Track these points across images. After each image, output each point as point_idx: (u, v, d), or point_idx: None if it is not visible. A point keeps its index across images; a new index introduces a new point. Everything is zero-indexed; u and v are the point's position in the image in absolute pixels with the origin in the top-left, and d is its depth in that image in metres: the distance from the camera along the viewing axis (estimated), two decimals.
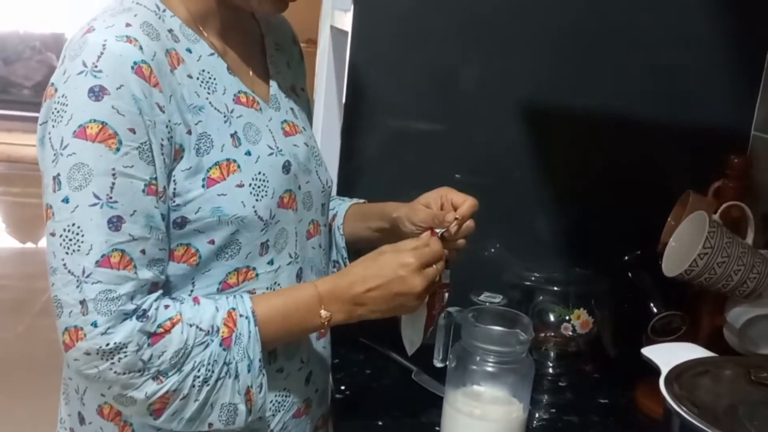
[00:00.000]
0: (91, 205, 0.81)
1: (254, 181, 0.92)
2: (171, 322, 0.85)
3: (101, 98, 0.80)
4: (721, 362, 0.98)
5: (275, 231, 0.96)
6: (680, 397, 0.87)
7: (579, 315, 1.33)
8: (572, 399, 1.30)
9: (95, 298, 0.81)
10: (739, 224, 1.23)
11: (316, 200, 1.05)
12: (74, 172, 0.81)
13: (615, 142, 1.44)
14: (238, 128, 0.93)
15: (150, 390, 0.84)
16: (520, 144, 1.43)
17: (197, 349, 0.86)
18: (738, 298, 1.20)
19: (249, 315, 0.90)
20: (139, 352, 0.82)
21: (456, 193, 1.06)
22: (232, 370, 0.88)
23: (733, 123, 1.44)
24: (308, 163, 1.03)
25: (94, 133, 0.80)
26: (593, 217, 1.44)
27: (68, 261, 0.81)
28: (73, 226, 0.81)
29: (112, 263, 0.81)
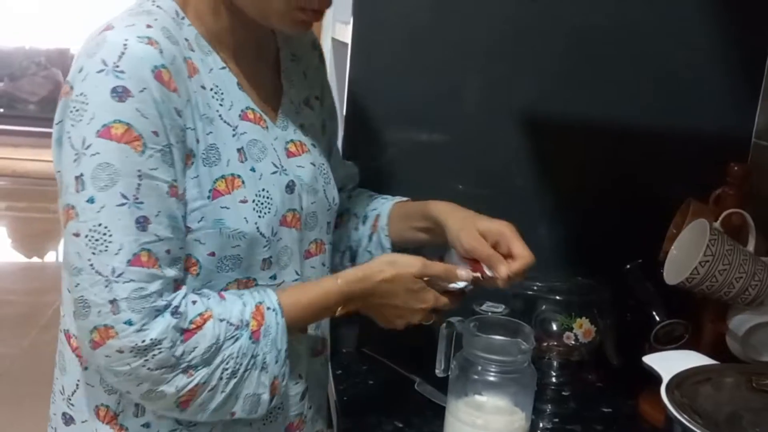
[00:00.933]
0: (118, 205, 0.81)
1: (258, 198, 0.92)
2: (202, 318, 0.86)
3: (125, 99, 0.81)
4: (722, 370, 0.98)
5: (278, 248, 0.96)
6: (682, 405, 0.86)
7: (581, 324, 1.33)
8: (575, 408, 1.30)
9: (128, 296, 0.81)
10: (740, 232, 1.23)
11: (321, 219, 1.05)
12: (99, 171, 0.81)
13: (616, 150, 1.44)
14: (244, 144, 0.93)
15: (180, 384, 0.85)
16: (521, 154, 1.43)
17: (228, 343, 0.87)
18: (740, 306, 1.20)
19: (276, 307, 0.91)
20: (172, 348, 0.83)
21: (518, 241, 1.03)
22: (259, 362, 0.89)
23: (733, 131, 1.44)
24: (314, 183, 1.03)
25: (119, 133, 0.80)
26: (595, 225, 1.44)
27: (95, 261, 0.81)
28: (99, 227, 0.81)
29: (142, 262, 0.82)
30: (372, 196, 1.21)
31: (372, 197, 1.20)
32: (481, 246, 1.02)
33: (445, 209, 1.08)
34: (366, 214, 1.17)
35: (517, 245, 1.02)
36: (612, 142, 1.43)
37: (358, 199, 1.20)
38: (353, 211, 1.19)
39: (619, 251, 1.37)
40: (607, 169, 1.45)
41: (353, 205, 1.20)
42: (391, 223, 1.14)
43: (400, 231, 1.14)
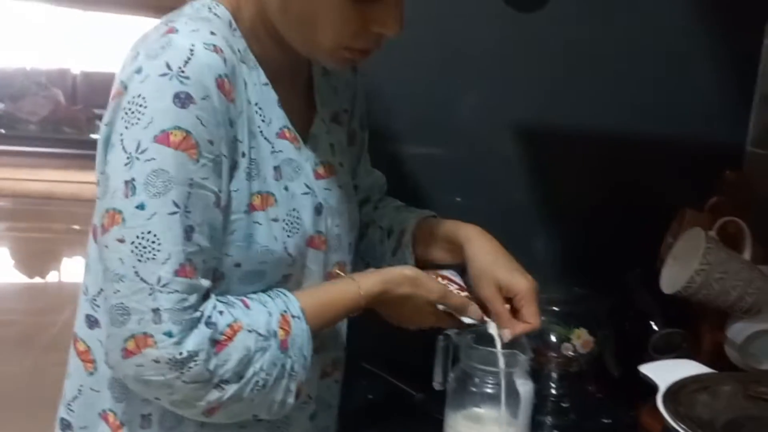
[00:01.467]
0: (170, 214, 0.80)
1: (288, 217, 0.92)
2: (232, 329, 0.85)
3: (187, 106, 0.80)
4: (718, 378, 0.97)
5: (302, 268, 0.96)
6: (678, 414, 0.86)
7: (580, 335, 1.32)
8: (575, 420, 1.29)
9: (171, 308, 0.80)
10: (736, 240, 1.23)
11: (344, 240, 1.05)
12: (153, 178, 0.79)
13: (612, 161, 1.44)
14: (280, 162, 0.93)
15: (212, 398, 0.84)
16: (517, 166, 1.44)
17: (258, 355, 0.86)
18: (738, 314, 1.19)
19: (300, 315, 0.91)
20: (207, 362, 0.82)
21: (531, 305, 1.02)
22: (288, 370, 0.89)
23: (728, 139, 1.45)
24: (340, 206, 1.03)
25: (177, 140, 0.79)
26: (592, 236, 1.44)
27: (141, 269, 0.80)
28: (149, 234, 0.80)
29: (186, 272, 0.81)
30: (399, 208, 1.19)
31: (398, 209, 1.18)
32: (495, 301, 1.03)
33: (473, 242, 1.06)
34: (392, 227, 1.16)
35: (528, 309, 1.02)
36: (608, 151, 1.43)
37: (384, 211, 1.19)
38: (378, 223, 1.18)
39: (617, 261, 1.37)
40: (603, 178, 1.45)
41: (379, 216, 1.19)
42: (416, 240, 1.12)
43: (425, 249, 1.12)
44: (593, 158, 1.44)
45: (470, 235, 1.07)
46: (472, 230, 1.08)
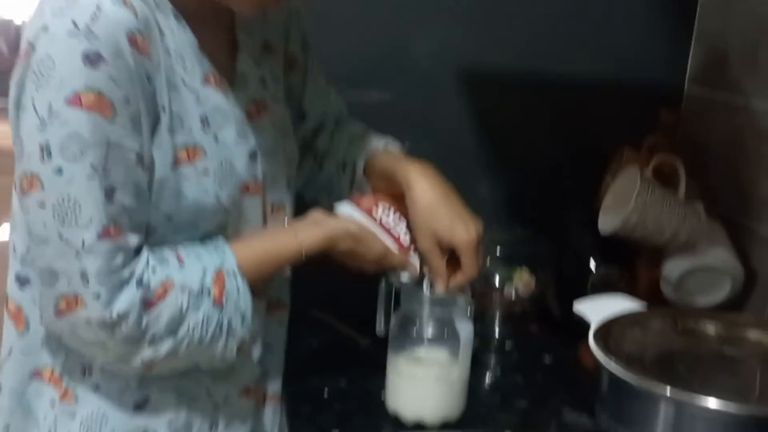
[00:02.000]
0: (89, 178, 0.78)
1: (219, 168, 0.90)
2: (163, 287, 0.84)
3: (98, 66, 0.77)
4: (650, 314, 1.00)
5: (238, 215, 0.95)
6: (608, 349, 0.88)
7: (522, 276, 1.34)
8: (517, 360, 1.31)
9: (97, 271, 0.80)
10: (671, 178, 1.24)
11: (281, 179, 1.03)
12: (68, 142, 0.77)
13: (553, 103, 1.45)
14: (207, 111, 0.90)
15: (147, 356, 0.84)
16: (461, 110, 1.43)
17: (191, 312, 0.86)
18: (672, 251, 1.22)
19: (236, 271, 0.90)
20: (138, 322, 0.82)
21: (469, 257, 1.01)
22: (225, 328, 0.89)
23: (667, 77, 1.46)
24: (274, 145, 1.00)
25: (90, 102, 0.77)
26: (534, 177, 1.45)
27: (64, 233, 0.79)
28: (68, 198, 0.78)
29: (111, 234, 0.80)
30: (353, 138, 1.15)
31: (353, 140, 1.15)
32: (432, 256, 1.02)
33: (413, 189, 1.02)
34: (345, 162, 1.14)
35: (466, 261, 1.01)
36: (550, 93, 1.44)
37: (340, 142, 1.16)
38: (334, 156, 1.16)
39: (559, 202, 1.39)
40: (545, 120, 1.45)
41: (335, 148, 1.16)
42: (368, 176, 1.10)
43: (378, 185, 1.10)
44: (535, 101, 1.44)
45: (411, 179, 1.04)
46: (413, 173, 1.04)
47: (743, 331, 0.93)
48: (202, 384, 0.97)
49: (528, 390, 1.20)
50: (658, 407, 0.82)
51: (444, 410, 1.07)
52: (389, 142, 1.13)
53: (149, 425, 0.94)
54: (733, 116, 1.34)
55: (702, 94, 1.43)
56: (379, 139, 1.14)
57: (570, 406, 0.98)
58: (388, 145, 1.13)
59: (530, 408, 1.14)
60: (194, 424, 0.97)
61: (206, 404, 0.98)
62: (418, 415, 1.07)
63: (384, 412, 1.10)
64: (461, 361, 1.07)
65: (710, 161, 1.39)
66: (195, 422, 0.97)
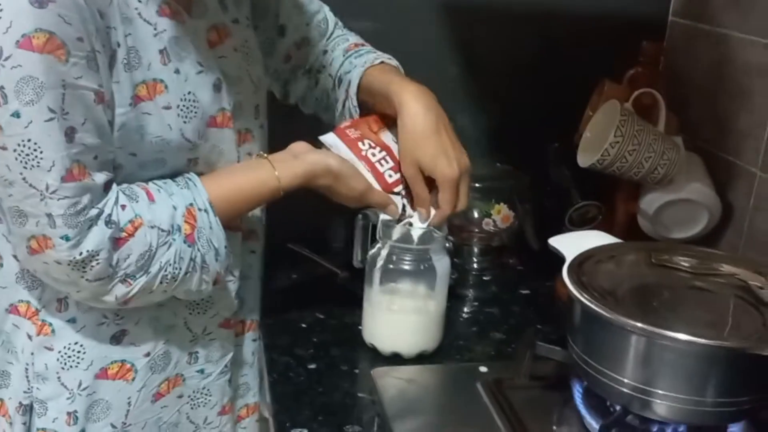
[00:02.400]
0: (46, 121, 0.77)
1: (182, 102, 0.88)
2: (132, 225, 0.84)
3: (45, 5, 0.74)
4: (624, 248, 1.00)
5: (206, 149, 0.93)
6: (581, 283, 0.88)
7: (500, 210, 1.34)
8: (495, 292, 1.33)
9: (63, 213, 0.79)
10: (651, 111, 1.23)
11: (247, 106, 1.00)
12: (23, 85, 0.75)
13: (534, 35, 1.43)
14: (166, 44, 0.87)
15: (120, 293, 0.85)
16: (441, 42, 1.41)
17: (161, 250, 0.86)
18: (650, 185, 1.22)
19: (207, 207, 0.90)
20: (108, 259, 0.82)
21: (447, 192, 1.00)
22: (199, 263, 0.89)
23: (651, 9, 1.44)
24: (239, 71, 0.98)
25: (41, 43, 0.74)
26: (515, 111, 1.44)
27: (28, 175, 0.78)
28: (29, 142, 0.77)
29: (74, 175, 0.79)
30: (347, 52, 1.12)
31: (347, 54, 1.12)
32: (415, 183, 1.02)
33: (405, 113, 1.00)
34: (340, 76, 1.11)
35: (443, 196, 1.01)
36: (531, 25, 1.41)
37: (333, 55, 1.14)
38: (328, 69, 1.13)
39: (539, 136, 1.37)
40: (525, 53, 1.43)
41: (328, 61, 1.14)
42: (360, 93, 1.08)
43: (371, 102, 1.08)
44: (517, 33, 1.42)
45: (403, 101, 1.01)
46: (406, 95, 1.01)
47: (717, 265, 0.94)
48: (180, 316, 0.98)
49: (504, 322, 1.22)
50: (629, 341, 0.83)
51: (420, 342, 1.08)
52: (385, 57, 1.10)
53: (127, 357, 0.94)
54: (715, 49, 1.32)
55: (685, 26, 1.41)
56: (375, 53, 1.11)
57: (544, 339, 0.99)
58: (384, 60, 1.09)
59: (506, 340, 1.16)
60: (172, 356, 0.98)
61: (184, 336, 0.99)
62: (394, 347, 1.08)
63: (361, 344, 1.11)
64: (438, 293, 1.08)
65: (691, 94, 1.38)
66: (173, 353, 0.98)
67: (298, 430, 0.93)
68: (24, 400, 0.93)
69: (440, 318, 1.10)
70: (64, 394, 0.92)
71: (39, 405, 0.93)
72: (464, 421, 0.94)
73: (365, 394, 1.01)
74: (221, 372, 1.04)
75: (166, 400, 0.99)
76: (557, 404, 0.97)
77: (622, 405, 0.87)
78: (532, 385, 0.99)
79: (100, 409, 0.94)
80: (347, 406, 0.98)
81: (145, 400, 0.97)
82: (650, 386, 0.84)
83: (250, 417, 1.12)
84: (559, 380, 0.98)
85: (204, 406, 1.03)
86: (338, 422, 0.94)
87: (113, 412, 0.95)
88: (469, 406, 0.96)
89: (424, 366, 1.07)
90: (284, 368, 1.05)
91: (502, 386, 0.99)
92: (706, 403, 0.83)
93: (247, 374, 1.11)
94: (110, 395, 0.94)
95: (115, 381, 0.94)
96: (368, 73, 1.07)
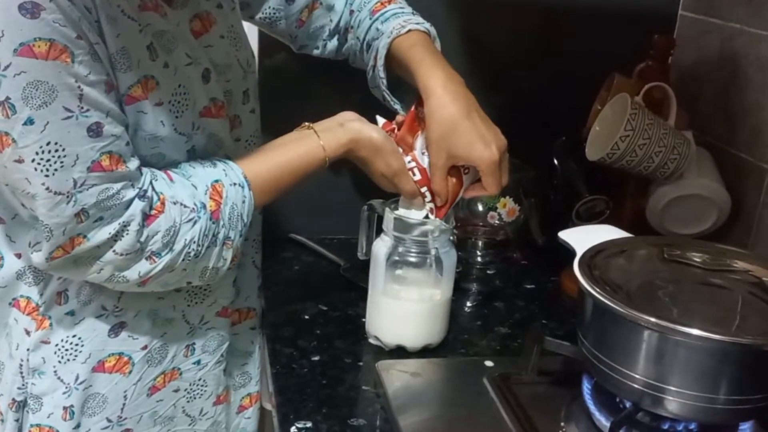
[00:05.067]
0: (64, 119, 0.75)
1: (174, 97, 0.86)
2: (161, 202, 0.83)
3: (38, 15, 0.72)
4: (635, 242, 0.98)
5: (202, 139, 0.91)
6: (593, 277, 0.87)
7: (505, 203, 1.33)
8: (499, 286, 1.31)
9: (96, 200, 0.78)
10: (661, 105, 1.22)
11: (236, 92, 0.99)
12: (31, 90, 0.73)
13: (542, 27, 1.41)
14: (152, 38, 0.85)
15: (143, 270, 0.84)
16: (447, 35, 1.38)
17: (186, 226, 0.85)
18: (660, 180, 1.20)
19: (242, 181, 0.89)
20: (138, 232, 0.81)
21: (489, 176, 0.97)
22: (221, 239, 0.88)
23: (661, 3, 1.42)
24: (227, 58, 0.96)
25: (44, 51, 0.73)
26: (521, 104, 1.42)
27: (51, 183, 0.76)
28: (47, 145, 0.75)
29: (104, 167, 0.78)
30: (372, 16, 1.08)
31: (372, 18, 1.08)
32: (439, 172, 0.99)
33: (433, 97, 0.96)
34: (368, 42, 1.09)
35: (486, 179, 0.97)
36: (539, 17, 1.39)
37: (359, 18, 1.10)
38: (356, 32, 1.11)
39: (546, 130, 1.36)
40: (532, 46, 1.41)
41: (355, 24, 1.11)
42: (387, 63, 1.05)
43: (394, 73, 1.06)
44: (526, 25, 1.40)
45: (430, 90, 0.97)
46: (433, 83, 0.97)
47: (730, 262, 0.92)
48: (178, 309, 0.97)
49: (509, 317, 1.20)
50: (642, 336, 0.82)
51: (425, 336, 1.07)
52: (413, 22, 1.05)
53: (124, 350, 0.93)
54: (726, 44, 1.31)
55: (695, 20, 1.40)
56: (402, 16, 1.06)
57: (551, 334, 0.97)
58: (411, 27, 1.04)
59: (511, 335, 1.15)
60: (170, 348, 0.97)
61: (182, 327, 0.98)
62: (398, 340, 1.06)
63: (364, 336, 1.10)
64: (443, 287, 1.06)
65: (701, 89, 1.36)
66: (171, 345, 0.97)
67: (302, 422, 0.91)
68: (17, 396, 0.92)
69: (445, 311, 1.08)
70: (60, 389, 0.91)
71: (34, 401, 0.91)
72: (471, 415, 0.93)
73: (369, 387, 0.99)
74: (217, 362, 1.03)
75: (162, 394, 0.98)
76: (565, 400, 0.95)
77: (633, 401, 0.86)
78: (540, 380, 0.98)
79: (96, 403, 0.93)
80: (351, 399, 0.97)
81: (141, 393, 0.96)
82: (662, 383, 0.82)
83: (253, 406, 1.12)
84: (567, 376, 0.97)
85: (200, 398, 1.02)
86: (342, 415, 0.93)
87: (109, 406, 0.94)
88: (476, 400, 0.95)
89: (429, 359, 1.05)
90: (287, 360, 1.04)
91: (509, 381, 0.97)
92: (719, 400, 0.82)
93: (248, 363, 1.10)
94: (106, 389, 0.93)
95: (112, 374, 0.93)
96: (395, 45, 1.03)
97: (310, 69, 1.29)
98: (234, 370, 1.09)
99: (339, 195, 1.41)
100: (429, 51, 1.01)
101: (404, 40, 1.03)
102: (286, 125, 1.00)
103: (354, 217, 1.12)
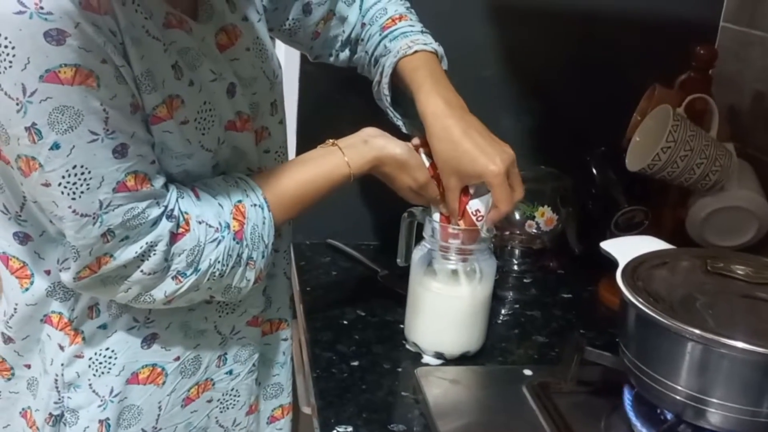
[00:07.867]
0: (90, 142, 0.76)
1: (200, 114, 0.86)
2: (186, 221, 0.84)
3: (63, 42, 0.72)
4: (678, 254, 0.98)
5: (227, 152, 0.91)
6: (636, 288, 0.87)
7: (543, 212, 1.33)
8: (536, 295, 1.32)
9: (122, 220, 0.79)
10: (703, 117, 1.22)
11: (264, 104, 0.99)
12: (57, 116, 0.73)
13: (582, 36, 1.41)
14: (177, 56, 0.85)
15: (169, 290, 0.85)
16: (487, 43, 1.39)
17: (210, 246, 0.85)
18: (700, 191, 1.20)
19: (262, 202, 0.90)
20: (165, 251, 0.82)
21: (498, 190, 0.96)
22: (245, 258, 0.88)
23: (702, 14, 1.42)
24: (253, 71, 0.96)
25: (69, 77, 0.73)
26: (560, 113, 1.42)
27: (77, 205, 0.77)
28: (74, 169, 0.76)
29: (129, 187, 0.79)
30: (383, 32, 1.08)
31: (382, 35, 1.08)
32: (451, 194, 1.00)
33: (431, 126, 0.98)
34: (376, 57, 1.09)
35: (496, 193, 0.97)
36: (579, 27, 1.40)
37: (370, 32, 1.10)
38: (365, 46, 1.11)
39: (584, 139, 1.36)
40: (573, 55, 1.42)
41: (366, 36, 1.11)
42: (393, 80, 1.05)
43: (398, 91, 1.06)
44: (564, 34, 1.40)
45: (428, 116, 0.98)
46: (430, 109, 0.98)
47: None
48: (210, 320, 0.97)
49: (546, 326, 1.20)
50: (686, 348, 0.82)
51: (463, 343, 1.07)
52: (421, 43, 1.05)
53: (157, 360, 0.94)
54: None
55: (736, 32, 1.39)
56: (411, 36, 1.06)
57: (589, 344, 0.97)
58: (417, 46, 1.04)
59: (548, 343, 1.15)
60: (203, 358, 0.97)
61: (214, 338, 0.98)
62: (437, 347, 1.07)
63: (402, 342, 1.10)
64: (482, 294, 1.07)
65: (743, 100, 1.36)
66: (204, 356, 0.97)
67: (343, 426, 0.92)
68: (54, 410, 0.93)
69: (484, 319, 1.09)
70: (96, 402, 0.92)
71: (70, 414, 0.92)
72: (510, 423, 0.93)
73: (408, 393, 1.00)
74: (249, 371, 1.03)
75: (196, 405, 0.99)
76: (605, 410, 0.95)
77: (675, 413, 0.86)
78: (579, 390, 0.98)
79: (132, 415, 0.94)
80: (390, 405, 0.98)
81: (175, 404, 0.96)
82: (705, 395, 0.82)
83: (285, 418, 1.12)
84: (607, 386, 0.97)
85: (233, 408, 1.03)
86: (382, 420, 0.94)
87: (144, 418, 0.94)
88: (515, 408, 0.95)
89: (468, 367, 1.06)
90: (327, 364, 1.05)
91: (548, 390, 0.97)
92: (762, 413, 0.81)
93: (279, 374, 1.10)
94: (141, 400, 0.94)
95: (146, 386, 0.94)
96: (401, 66, 1.04)
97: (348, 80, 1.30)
98: (265, 380, 1.09)
99: (374, 202, 1.42)
100: (431, 75, 1.02)
101: (409, 61, 1.03)
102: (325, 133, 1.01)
103: (388, 224, 1.13)
